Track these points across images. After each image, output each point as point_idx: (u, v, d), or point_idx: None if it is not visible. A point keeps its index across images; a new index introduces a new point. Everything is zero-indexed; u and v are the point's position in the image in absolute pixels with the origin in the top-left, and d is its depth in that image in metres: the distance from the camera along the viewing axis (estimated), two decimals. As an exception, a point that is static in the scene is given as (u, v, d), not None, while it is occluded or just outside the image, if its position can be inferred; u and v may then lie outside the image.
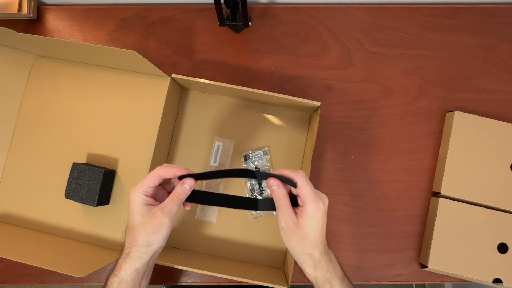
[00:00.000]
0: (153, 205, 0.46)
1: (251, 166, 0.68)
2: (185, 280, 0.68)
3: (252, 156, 0.68)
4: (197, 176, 0.46)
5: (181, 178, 0.46)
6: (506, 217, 0.65)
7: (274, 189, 0.44)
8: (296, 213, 0.45)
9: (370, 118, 0.71)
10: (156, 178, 0.46)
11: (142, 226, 0.44)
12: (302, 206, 0.44)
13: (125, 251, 0.46)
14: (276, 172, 0.45)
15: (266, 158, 0.68)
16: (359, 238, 0.68)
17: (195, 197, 0.47)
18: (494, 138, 0.66)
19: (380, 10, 0.74)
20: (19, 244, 0.63)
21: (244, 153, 0.69)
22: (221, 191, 0.68)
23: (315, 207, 0.43)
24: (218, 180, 0.68)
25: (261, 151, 0.68)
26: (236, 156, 0.69)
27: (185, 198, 0.46)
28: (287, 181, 0.44)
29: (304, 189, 0.44)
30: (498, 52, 0.72)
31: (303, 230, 0.44)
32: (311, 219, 0.44)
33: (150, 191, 0.46)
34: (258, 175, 0.45)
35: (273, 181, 0.44)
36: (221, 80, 0.62)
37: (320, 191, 0.46)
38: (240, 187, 0.69)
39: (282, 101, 0.64)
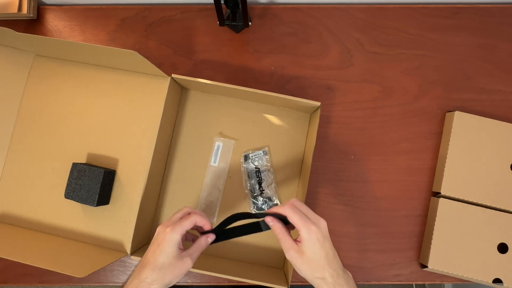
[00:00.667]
0: (181, 248, 0.49)
1: (251, 166, 0.68)
2: (185, 280, 0.68)
3: (252, 156, 0.68)
4: (216, 232, 0.51)
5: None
6: (506, 217, 0.65)
7: (271, 225, 0.48)
8: (297, 241, 0.47)
9: (370, 118, 0.71)
10: (193, 223, 0.50)
11: (171, 268, 0.47)
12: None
13: (146, 285, 0.47)
14: (269, 211, 0.49)
15: (266, 158, 0.68)
16: (359, 238, 0.68)
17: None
18: (494, 138, 0.66)
19: (380, 10, 0.74)
20: (19, 244, 0.63)
21: (244, 153, 0.69)
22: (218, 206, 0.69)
23: (307, 231, 0.45)
24: (216, 198, 0.68)
25: (261, 151, 0.68)
26: (236, 156, 0.69)
27: (204, 248, 0.51)
28: (280, 217, 0.48)
29: (293, 219, 0.46)
30: (498, 52, 0.72)
31: (306, 255, 0.45)
32: (307, 244, 0.45)
33: (184, 233, 0.49)
34: (262, 225, 0.49)
35: (268, 219, 0.48)
36: (221, 80, 0.62)
37: (317, 213, 0.48)
38: (240, 189, 0.69)
39: (282, 101, 0.64)
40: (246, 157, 0.68)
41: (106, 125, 0.70)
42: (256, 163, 0.68)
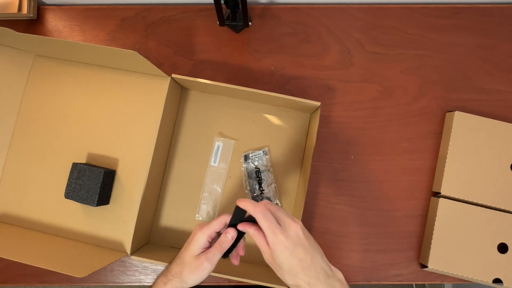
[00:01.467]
0: (208, 248, 0.49)
1: (251, 166, 0.68)
2: (185, 280, 0.68)
3: (252, 156, 0.68)
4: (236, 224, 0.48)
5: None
6: (506, 217, 0.65)
7: (246, 231, 0.46)
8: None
9: (370, 118, 0.71)
10: (222, 224, 0.49)
11: (189, 265, 0.48)
12: None
13: (170, 276, 0.49)
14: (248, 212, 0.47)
15: (266, 158, 0.68)
16: (359, 238, 0.68)
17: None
18: (494, 138, 0.66)
19: (380, 10, 0.74)
20: (19, 244, 0.63)
21: (244, 153, 0.69)
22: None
23: (273, 240, 0.43)
24: (216, 198, 0.69)
25: (261, 151, 0.68)
26: (236, 156, 0.69)
27: (228, 246, 0.48)
28: (252, 219, 0.46)
29: (261, 225, 0.44)
30: (498, 52, 0.72)
31: (276, 262, 0.44)
32: (275, 253, 0.43)
33: (213, 235, 0.49)
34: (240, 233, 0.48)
35: (240, 227, 0.47)
36: (221, 80, 0.62)
37: (291, 215, 0.45)
38: (240, 189, 0.69)
39: (282, 101, 0.64)
40: (246, 157, 0.68)
41: (106, 125, 0.70)
42: (256, 163, 0.68)
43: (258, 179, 0.68)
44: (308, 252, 0.43)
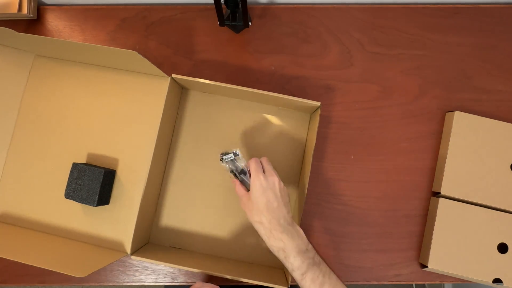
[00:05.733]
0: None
1: (228, 167, 0.58)
2: (185, 280, 0.68)
3: (225, 159, 0.58)
4: None
5: None
6: (506, 217, 0.65)
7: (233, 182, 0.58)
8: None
9: (370, 118, 0.71)
10: None
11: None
12: None
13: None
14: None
15: (238, 158, 0.58)
16: (359, 238, 0.68)
17: None
18: (494, 138, 0.66)
19: (380, 10, 0.74)
20: (19, 244, 0.63)
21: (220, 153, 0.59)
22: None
23: (254, 177, 0.53)
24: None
25: (231, 154, 0.58)
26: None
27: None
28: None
29: (250, 167, 0.55)
30: (498, 52, 0.72)
31: (251, 200, 0.53)
32: (252, 189, 0.53)
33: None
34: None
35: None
36: (221, 80, 0.62)
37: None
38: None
39: (282, 101, 0.64)
40: (221, 159, 0.58)
41: (106, 125, 0.70)
42: (231, 166, 0.58)
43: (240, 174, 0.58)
44: (277, 199, 0.53)
